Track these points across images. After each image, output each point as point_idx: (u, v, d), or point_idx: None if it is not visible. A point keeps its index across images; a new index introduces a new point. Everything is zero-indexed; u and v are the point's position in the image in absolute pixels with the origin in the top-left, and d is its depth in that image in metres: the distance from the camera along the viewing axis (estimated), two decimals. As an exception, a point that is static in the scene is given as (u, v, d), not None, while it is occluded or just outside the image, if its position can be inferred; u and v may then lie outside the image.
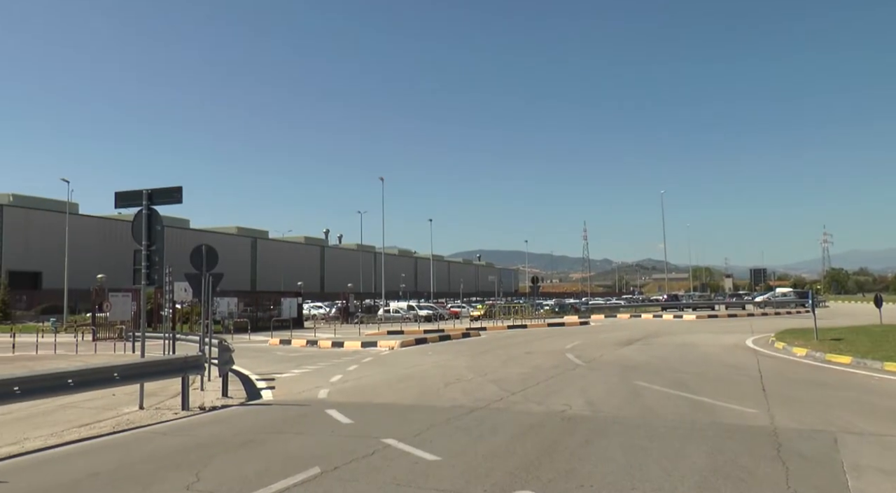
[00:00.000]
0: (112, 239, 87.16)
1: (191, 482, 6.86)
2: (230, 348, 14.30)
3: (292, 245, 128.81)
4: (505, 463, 7.50)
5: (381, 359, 21.53)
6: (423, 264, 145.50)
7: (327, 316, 56.59)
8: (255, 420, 10.79)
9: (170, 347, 21.23)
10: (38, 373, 9.97)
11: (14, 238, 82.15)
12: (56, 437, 9.62)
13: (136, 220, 12.88)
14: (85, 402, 12.42)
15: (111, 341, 31.97)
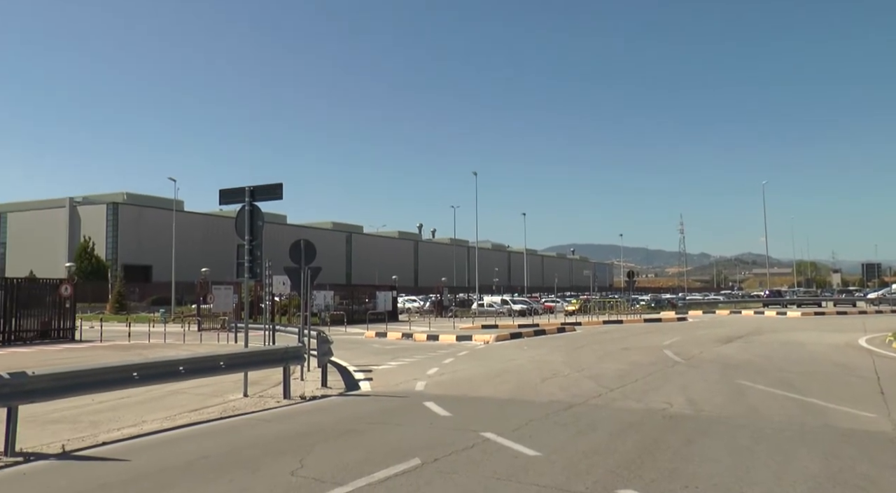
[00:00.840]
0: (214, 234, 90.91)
1: (295, 468, 7.06)
2: (329, 340, 14.65)
3: (386, 240, 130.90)
4: (606, 461, 7.37)
5: (477, 353, 21.59)
6: (517, 258, 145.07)
7: (421, 310, 57.24)
8: (355, 410, 11.02)
9: (269, 338, 21.94)
10: (154, 361, 10.50)
11: (128, 234, 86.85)
12: (169, 420, 10.10)
13: (239, 216, 13.34)
14: (193, 388, 12.98)
15: (215, 331, 33.32)
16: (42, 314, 29.14)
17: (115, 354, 22.10)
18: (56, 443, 8.50)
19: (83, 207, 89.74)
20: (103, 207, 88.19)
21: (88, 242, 78.44)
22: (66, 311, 30.06)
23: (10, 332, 27.49)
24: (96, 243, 79.80)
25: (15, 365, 15.61)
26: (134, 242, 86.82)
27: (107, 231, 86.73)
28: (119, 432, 9.30)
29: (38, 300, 29.45)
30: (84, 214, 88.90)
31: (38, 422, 9.71)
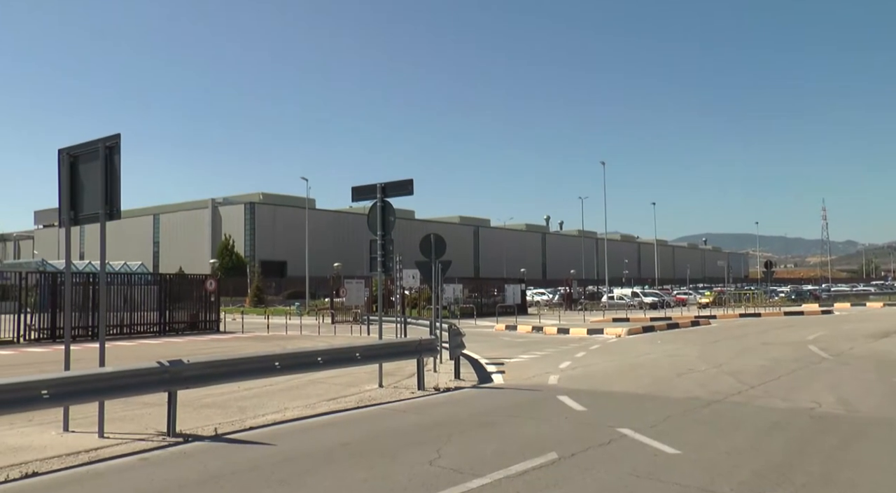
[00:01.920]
0: (344, 231, 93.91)
1: (433, 458, 7.17)
2: (461, 333, 14.79)
3: (514, 232, 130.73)
4: (750, 462, 7.03)
5: (608, 347, 21.19)
6: (647, 249, 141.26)
7: (550, 302, 56.86)
8: (489, 403, 11.07)
9: (401, 330, 22.43)
10: (294, 351, 10.97)
11: (264, 232, 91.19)
12: (309, 408, 10.52)
13: (371, 212, 13.67)
14: (331, 378, 13.44)
15: (347, 323, 34.43)
16: (190, 307, 31.15)
17: (256, 344, 23.29)
18: (209, 426, 9.05)
19: (224, 207, 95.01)
20: (241, 206, 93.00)
21: (229, 240, 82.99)
22: (211, 304, 31.97)
23: (165, 323, 29.55)
24: (236, 241, 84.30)
25: (170, 354, 16.74)
26: (270, 239, 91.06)
27: (245, 229, 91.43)
28: (264, 418, 9.78)
29: (187, 294, 31.50)
30: (224, 214, 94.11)
31: (193, 407, 10.35)
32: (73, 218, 9.40)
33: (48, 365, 16.55)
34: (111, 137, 8.95)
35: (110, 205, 8.93)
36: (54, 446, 8.11)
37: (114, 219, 9.03)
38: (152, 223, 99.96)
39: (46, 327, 25.85)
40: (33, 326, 25.72)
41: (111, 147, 8.90)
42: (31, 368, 16.64)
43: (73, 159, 9.35)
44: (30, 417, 9.35)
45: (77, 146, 9.35)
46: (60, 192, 9.46)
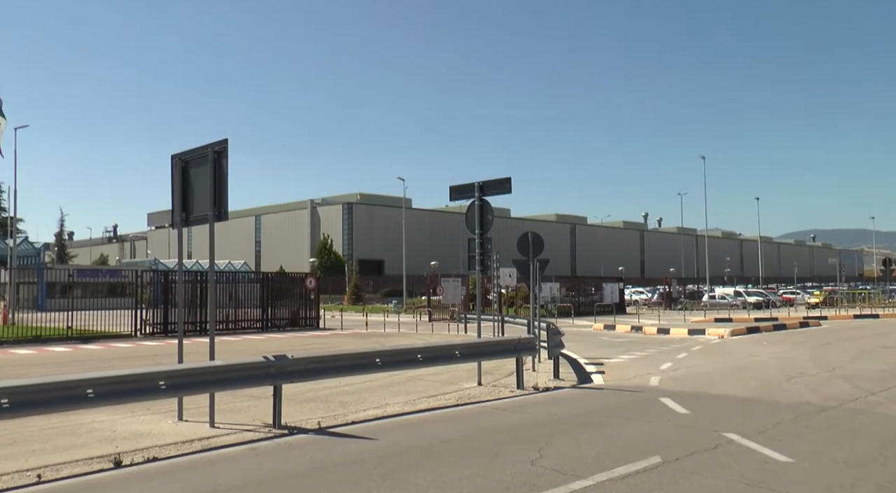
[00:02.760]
0: (440, 230, 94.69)
1: (534, 458, 7.11)
2: (560, 332, 14.63)
3: (611, 230, 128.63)
4: (873, 474, 6.63)
5: (711, 348, 20.51)
6: (750, 246, 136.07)
7: (649, 301, 55.59)
8: (589, 403, 10.91)
9: (499, 329, 22.41)
10: (395, 348, 11.15)
11: (361, 231, 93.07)
12: (410, 405, 10.64)
13: (469, 211, 13.68)
14: (430, 375, 13.54)
15: (444, 321, 34.65)
16: (291, 305, 32.12)
17: (355, 341, 23.76)
18: (313, 420, 9.29)
19: (322, 207, 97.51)
20: (339, 207, 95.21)
21: (327, 240, 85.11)
22: (311, 302, 32.86)
23: (267, 320, 30.59)
24: (334, 240, 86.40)
25: (274, 349, 17.30)
26: (367, 239, 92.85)
27: (343, 229, 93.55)
28: (365, 413, 9.96)
29: (288, 292, 32.50)
30: (323, 214, 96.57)
31: (297, 400, 10.64)
32: (185, 219, 9.84)
33: (162, 358, 17.41)
34: (219, 142, 9.32)
35: (218, 207, 9.29)
36: (170, 433, 8.53)
37: (221, 220, 9.40)
38: (254, 224, 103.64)
39: (159, 322, 27.22)
40: (148, 321, 27.13)
41: (219, 152, 9.26)
42: (147, 360, 17.53)
43: (184, 164, 9.79)
44: (148, 406, 9.84)
45: (188, 152, 9.79)
46: (173, 195, 9.92)
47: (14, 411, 6.98)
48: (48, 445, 8.05)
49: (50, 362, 17.78)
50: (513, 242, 16.33)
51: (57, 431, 8.74)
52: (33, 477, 6.72)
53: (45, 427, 8.82)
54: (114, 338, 25.37)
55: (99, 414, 9.41)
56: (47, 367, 16.54)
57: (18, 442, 8.16)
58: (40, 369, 16.01)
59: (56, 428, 8.85)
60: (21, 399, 6.99)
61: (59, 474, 6.85)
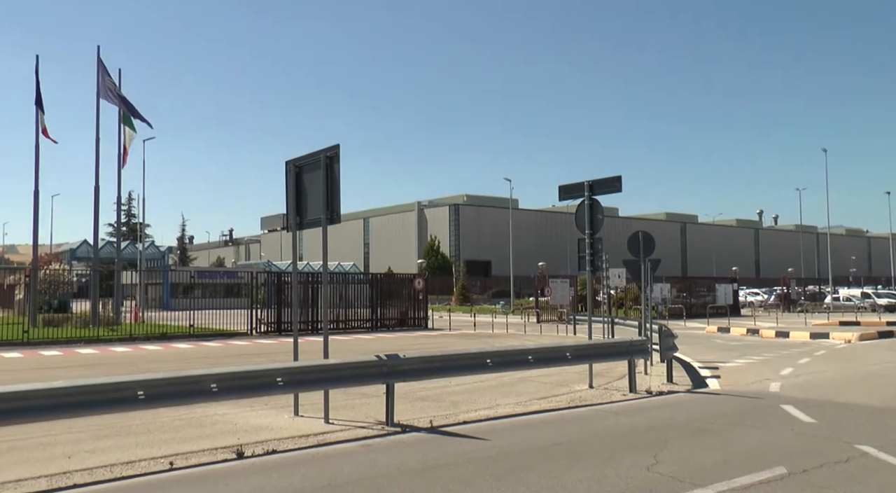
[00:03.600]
0: (547, 230, 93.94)
1: (650, 464, 6.92)
2: (673, 334, 14.21)
3: (723, 228, 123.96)
4: None
5: (837, 353, 19.41)
6: (879, 244, 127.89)
7: (765, 303, 53.27)
8: (705, 409, 10.52)
9: (608, 330, 22.01)
10: (506, 349, 11.14)
11: (468, 232, 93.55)
12: (521, 406, 10.59)
13: (578, 210, 13.49)
14: (540, 377, 13.44)
15: (553, 323, 34.34)
16: (400, 305, 32.67)
17: (463, 341, 23.89)
18: (425, 418, 9.39)
19: (429, 209, 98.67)
20: (446, 208, 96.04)
21: (434, 241, 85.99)
22: (419, 302, 33.31)
23: (376, 320, 31.24)
24: (441, 241, 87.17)
25: (384, 348, 17.67)
26: (474, 240, 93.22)
27: (450, 230, 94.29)
28: (476, 413, 9.98)
29: (396, 293, 33.09)
30: (430, 216, 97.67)
31: (408, 399, 10.79)
32: (299, 223, 10.17)
33: (277, 355, 18.08)
34: (331, 147, 9.58)
35: (331, 210, 9.55)
36: (287, 428, 8.84)
37: (334, 223, 9.65)
38: (363, 226, 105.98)
39: (273, 321, 28.29)
40: (262, 319, 28.27)
41: (331, 157, 9.52)
42: (263, 357, 18.26)
43: (297, 169, 10.13)
44: (266, 401, 10.22)
45: (301, 157, 10.11)
46: (287, 199, 10.28)
47: (148, 402, 7.44)
48: (177, 435, 8.51)
49: (175, 358, 18.79)
50: (620, 241, 16.02)
51: (184, 422, 9.22)
52: (166, 464, 7.13)
53: (173, 418, 9.33)
54: (231, 336, 26.56)
55: (221, 408, 9.86)
56: (173, 362, 17.49)
57: (152, 431, 8.67)
58: (167, 364, 16.95)
59: (183, 420, 9.33)
60: (154, 392, 7.43)
61: (188, 462, 7.23)
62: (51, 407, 7.01)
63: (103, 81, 31.16)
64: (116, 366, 16.67)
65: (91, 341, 24.09)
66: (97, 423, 8.59)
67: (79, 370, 15.74)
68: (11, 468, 7.09)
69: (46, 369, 16.50)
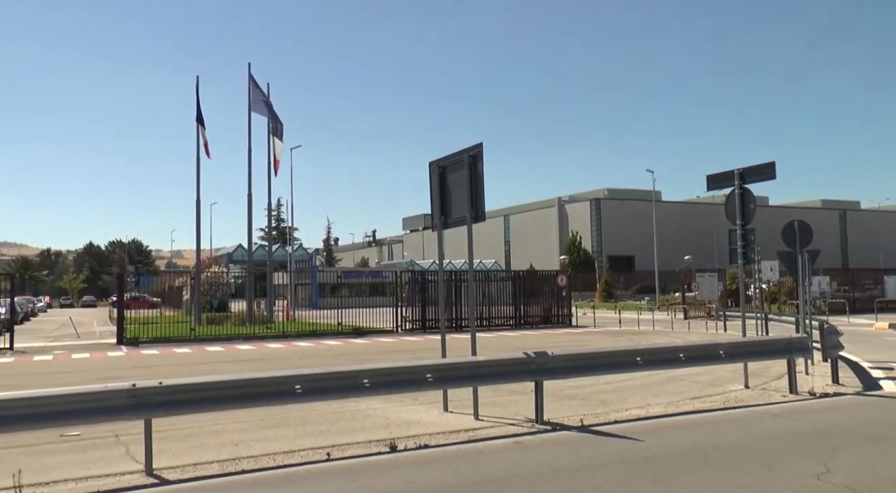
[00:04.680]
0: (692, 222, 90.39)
1: (819, 472, 6.46)
2: (837, 331, 13.26)
3: (891, 215, 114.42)
4: None
5: None
6: None
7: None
8: (879, 414, 9.77)
9: (761, 327, 20.88)
10: (655, 347, 10.82)
11: (610, 227, 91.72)
12: (673, 406, 10.23)
13: (728, 200, 12.90)
14: (690, 376, 12.93)
15: (701, 319, 32.98)
16: (543, 302, 32.48)
17: (609, 339, 23.42)
18: (574, 417, 9.26)
19: (569, 204, 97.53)
20: (587, 203, 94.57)
21: (576, 237, 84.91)
22: (562, 299, 32.98)
23: (520, 317, 31.23)
24: (582, 237, 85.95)
25: (529, 346, 17.57)
26: (616, 234, 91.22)
27: (591, 225, 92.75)
28: (627, 412, 9.74)
29: (539, 290, 32.94)
30: (571, 211, 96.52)
31: (556, 397, 10.68)
32: (444, 222, 10.32)
33: (423, 352, 18.46)
34: (474, 146, 9.66)
35: (475, 209, 9.63)
36: (438, 423, 8.99)
37: (478, 221, 9.72)
38: (503, 223, 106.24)
39: (418, 319, 28.92)
40: (407, 317, 28.97)
41: (474, 156, 9.60)
42: (410, 354, 18.69)
43: (441, 170, 10.29)
44: (415, 396, 10.46)
45: (445, 158, 10.26)
46: (432, 199, 10.46)
47: (305, 396, 7.82)
48: (332, 427, 8.88)
49: (326, 355, 19.64)
50: (771, 232, 15.14)
51: (337, 415, 9.60)
52: (323, 455, 7.46)
53: (327, 411, 9.72)
54: (378, 333, 27.40)
55: (372, 402, 10.18)
56: (325, 358, 18.27)
57: (308, 423, 9.09)
58: (319, 360, 17.72)
59: (336, 413, 9.71)
60: (311, 386, 7.80)
61: (343, 453, 7.53)
62: (221, 398, 7.54)
63: (254, 96, 33.04)
64: (273, 361, 17.61)
65: (248, 338, 25.64)
66: (259, 414, 9.11)
67: (240, 365, 16.78)
68: (190, 452, 7.70)
69: (213, 363, 17.71)
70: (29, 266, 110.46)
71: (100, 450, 7.94)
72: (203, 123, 32.20)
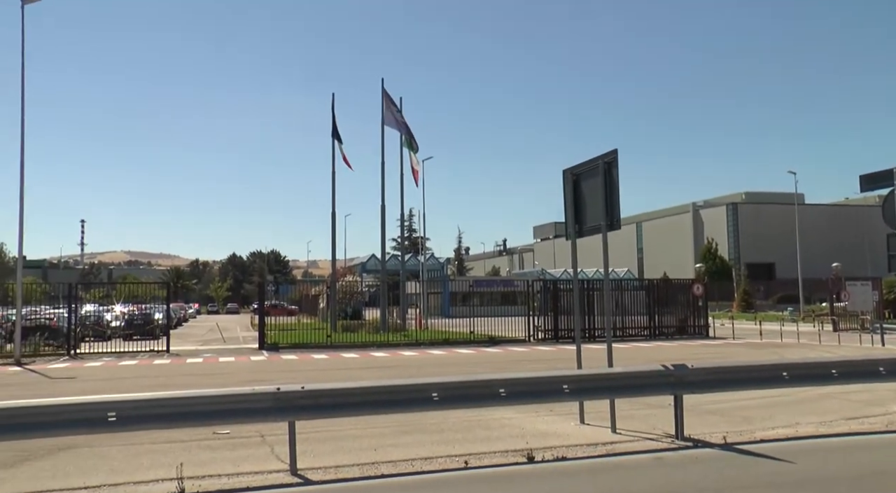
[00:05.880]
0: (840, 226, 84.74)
1: None
2: None
3: None
4: None
5: None
6: None
7: None
8: None
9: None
10: (803, 362, 10.25)
11: (748, 233, 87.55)
12: (825, 426, 9.59)
13: (887, 201, 12.07)
14: (844, 394, 12.07)
15: (853, 331, 30.80)
16: (678, 312, 31.40)
17: (750, 352, 22.33)
18: (716, 434, 8.88)
19: (704, 210, 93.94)
20: (723, 208, 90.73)
21: (711, 243, 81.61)
22: (698, 309, 31.75)
23: (654, 327, 30.35)
24: (718, 244, 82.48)
25: (665, 357, 17.01)
26: (755, 240, 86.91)
27: (727, 231, 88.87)
28: (774, 431, 9.24)
29: (674, 299, 31.86)
30: (705, 217, 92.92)
31: (695, 412, 10.28)
32: (578, 231, 10.20)
33: (556, 362, 18.32)
34: (609, 153, 9.50)
35: (610, 217, 9.47)
36: (575, 435, 8.88)
37: (613, 229, 9.55)
38: (635, 231, 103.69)
39: (550, 328, 28.68)
40: (539, 326, 28.81)
41: (609, 163, 9.44)
42: (543, 364, 18.57)
43: (575, 177, 10.20)
44: (550, 407, 10.37)
45: (579, 165, 10.16)
46: (566, 207, 10.38)
47: (442, 404, 7.94)
48: (468, 435, 8.95)
49: (460, 363, 19.83)
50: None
51: (472, 424, 9.66)
52: (461, 462, 7.54)
53: (462, 420, 9.81)
54: (510, 342, 27.38)
55: (506, 412, 10.18)
56: (458, 367, 18.46)
57: (444, 431, 9.22)
58: (453, 368, 17.93)
59: (472, 421, 9.78)
60: (448, 394, 7.90)
61: (481, 462, 7.58)
62: (360, 404, 7.79)
63: (388, 109, 34.01)
64: (407, 369, 17.98)
65: (382, 346, 26.31)
66: (396, 420, 9.33)
67: (376, 372, 17.23)
68: (331, 454, 8.01)
69: (349, 369, 18.31)
70: (180, 276, 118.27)
71: (248, 448, 8.40)
72: (339, 138, 33.48)
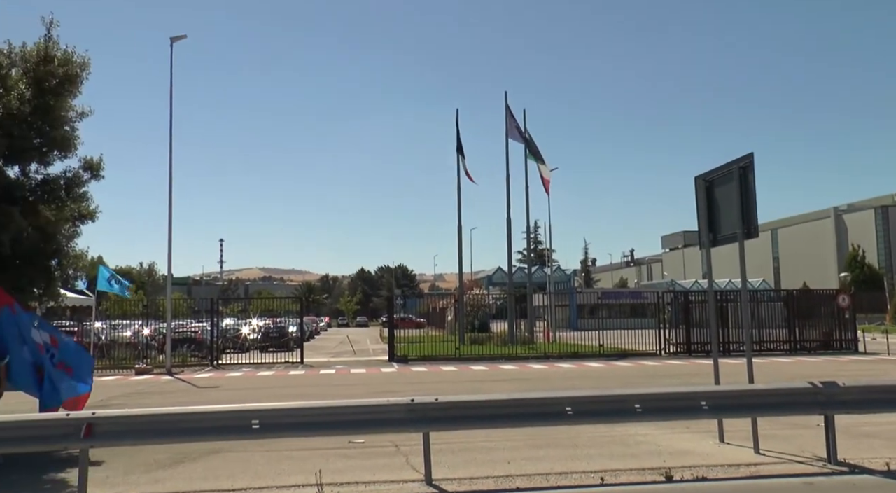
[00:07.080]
0: None
1: None
2: None
3: None
4: None
5: None
6: None
7: None
8: None
9: None
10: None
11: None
12: None
13: None
14: None
15: None
16: (821, 325, 29.49)
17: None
18: (877, 459, 8.22)
19: (848, 214, 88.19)
20: (870, 212, 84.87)
21: (857, 250, 76.37)
22: (844, 321, 29.70)
23: (794, 341, 28.67)
24: (866, 251, 77.11)
25: (809, 374, 16.04)
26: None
27: (876, 236, 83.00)
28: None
29: (816, 311, 29.94)
30: (849, 222, 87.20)
31: (849, 434, 9.61)
32: (713, 240, 9.83)
33: (690, 377, 17.70)
34: (744, 157, 9.11)
35: (747, 224, 9.07)
36: (715, 455, 8.52)
37: (751, 237, 9.14)
38: (770, 238, 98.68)
39: (682, 342, 27.70)
40: (671, 340, 27.88)
41: (745, 167, 9.05)
42: (676, 379, 17.96)
43: (708, 184, 9.84)
44: (687, 424, 9.99)
45: (711, 171, 9.80)
46: (699, 215, 10.02)
47: (575, 418, 7.82)
48: (603, 451, 8.79)
49: (590, 376, 19.52)
50: None
51: (607, 439, 9.48)
52: (597, 479, 7.41)
53: (595, 435, 9.64)
54: (640, 356, 26.68)
55: (641, 428, 9.91)
56: (588, 380, 18.17)
57: (578, 446, 9.09)
58: (583, 382, 17.67)
59: (606, 437, 9.59)
60: (581, 408, 7.78)
61: (617, 479, 7.42)
62: (492, 416, 7.81)
63: (510, 123, 34.16)
64: (537, 382, 17.86)
65: (510, 358, 26.29)
66: (527, 433, 9.26)
67: (506, 385, 17.23)
68: (465, 466, 8.09)
69: (478, 381, 18.40)
70: (312, 290, 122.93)
71: (383, 458, 8.60)
72: (463, 152, 33.92)
